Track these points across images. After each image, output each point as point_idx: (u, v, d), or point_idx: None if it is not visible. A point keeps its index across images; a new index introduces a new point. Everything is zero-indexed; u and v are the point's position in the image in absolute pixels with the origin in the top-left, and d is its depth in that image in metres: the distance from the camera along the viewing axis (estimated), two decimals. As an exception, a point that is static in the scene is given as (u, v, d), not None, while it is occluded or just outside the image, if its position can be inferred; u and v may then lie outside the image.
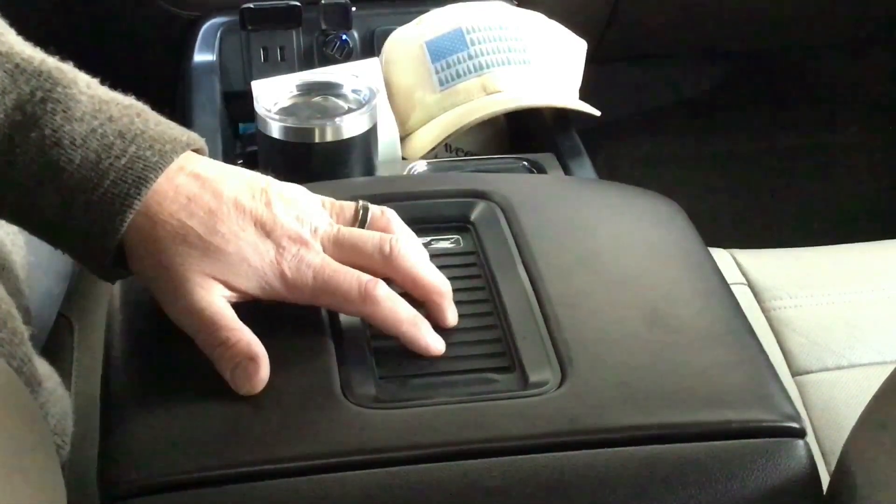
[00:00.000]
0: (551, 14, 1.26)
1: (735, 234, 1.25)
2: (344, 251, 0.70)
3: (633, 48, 1.64)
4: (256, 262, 0.67)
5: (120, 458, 0.64)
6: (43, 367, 0.67)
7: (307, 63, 1.34)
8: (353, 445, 0.64)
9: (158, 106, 0.72)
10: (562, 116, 1.23)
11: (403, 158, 1.17)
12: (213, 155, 1.14)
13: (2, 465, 0.51)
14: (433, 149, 1.16)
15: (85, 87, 0.67)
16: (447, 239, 0.81)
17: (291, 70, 1.29)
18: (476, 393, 0.68)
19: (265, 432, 0.64)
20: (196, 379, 0.68)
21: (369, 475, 0.62)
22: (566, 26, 1.26)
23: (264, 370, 0.66)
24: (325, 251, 0.69)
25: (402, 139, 1.19)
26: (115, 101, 0.68)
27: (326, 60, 1.32)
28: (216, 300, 0.67)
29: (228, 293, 0.68)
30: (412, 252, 0.71)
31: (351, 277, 0.68)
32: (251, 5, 1.31)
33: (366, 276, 0.69)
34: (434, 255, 0.79)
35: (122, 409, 0.67)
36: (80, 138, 0.65)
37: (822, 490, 0.67)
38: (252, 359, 0.66)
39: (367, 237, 0.71)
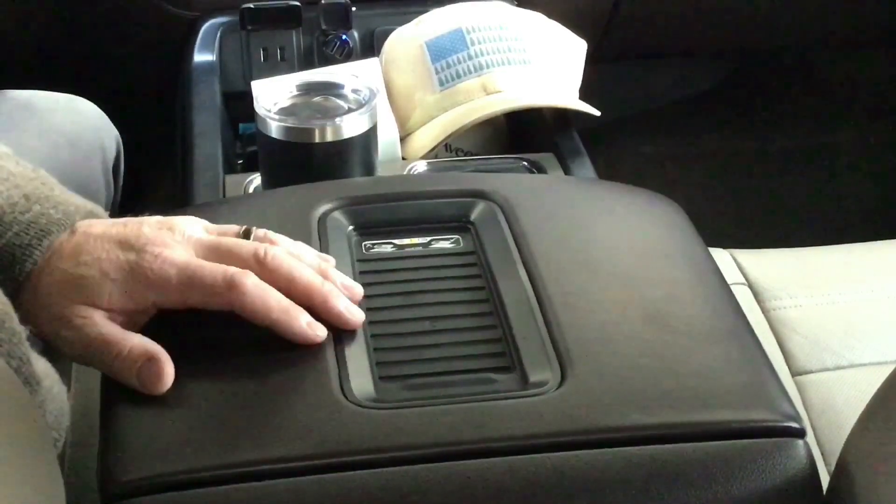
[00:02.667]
0: (551, 14, 1.26)
1: (735, 234, 1.26)
2: (216, 255, 0.71)
3: (634, 48, 1.64)
4: (118, 275, 0.69)
5: (120, 457, 0.64)
6: (41, 365, 0.67)
7: (307, 63, 1.33)
8: (352, 445, 0.64)
9: (158, 106, 0.72)
10: (562, 116, 1.23)
11: (403, 158, 1.17)
12: (213, 154, 1.15)
13: (0, 465, 0.51)
14: (433, 149, 1.15)
15: None
16: (447, 239, 0.81)
17: (291, 70, 1.29)
18: (476, 393, 0.68)
19: (265, 432, 0.64)
20: (196, 379, 0.68)
21: (369, 475, 0.62)
22: (566, 26, 1.26)
23: (168, 366, 0.67)
24: (198, 255, 0.70)
25: (402, 139, 1.19)
26: (23, 173, 0.72)
27: (326, 60, 1.32)
28: (99, 322, 0.68)
29: (107, 314, 0.69)
30: (288, 257, 0.71)
31: (216, 269, 0.69)
32: (251, 5, 1.31)
33: (233, 269, 0.69)
34: (434, 255, 0.79)
35: (122, 408, 0.67)
36: None
37: (821, 490, 0.67)
38: (150, 358, 0.67)
39: (243, 243, 0.72)
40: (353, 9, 1.33)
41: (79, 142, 1.00)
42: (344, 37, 1.33)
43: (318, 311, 0.71)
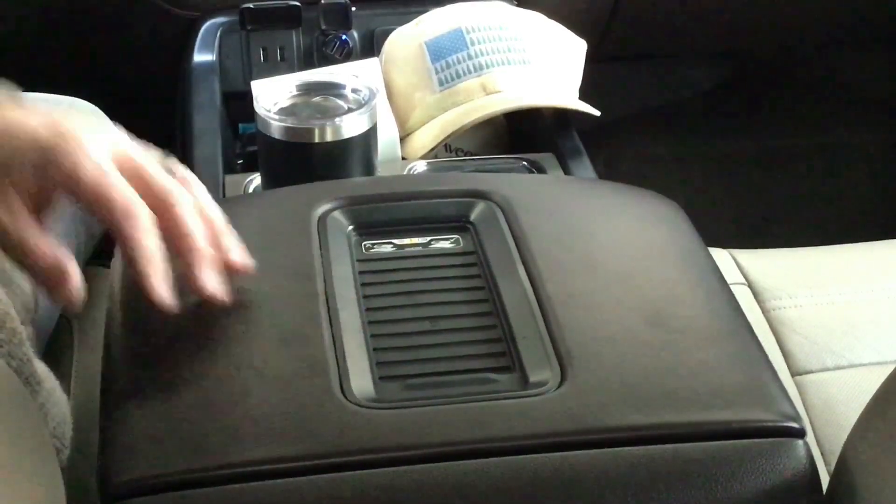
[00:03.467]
0: (551, 14, 1.26)
1: (735, 234, 1.26)
2: (132, 173, 0.67)
3: (634, 48, 1.64)
4: (29, 153, 0.64)
5: (120, 458, 0.64)
6: (41, 368, 0.67)
7: (307, 63, 1.34)
8: (352, 446, 0.64)
9: (158, 106, 0.72)
10: (562, 116, 1.23)
11: (403, 158, 1.17)
12: (213, 154, 1.15)
13: (1, 465, 0.51)
14: (433, 149, 1.16)
15: None
16: (447, 239, 0.81)
17: (291, 70, 1.29)
18: (476, 393, 0.68)
19: (265, 432, 0.64)
20: (196, 379, 0.68)
21: (369, 475, 0.62)
22: (566, 26, 1.26)
23: (75, 276, 0.65)
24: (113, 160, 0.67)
25: (402, 139, 1.19)
26: None
27: (326, 60, 1.32)
28: (19, 208, 0.64)
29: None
30: (195, 214, 0.68)
31: (127, 192, 0.65)
32: (251, 5, 1.31)
33: (140, 201, 0.65)
34: (434, 255, 0.79)
35: (122, 409, 0.67)
36: None
37: (821, 490, 0.67)
38: (60, 270, 0.65)
39: (162, 176, 0.68)
40: (353, 9, 1.33)
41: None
42: (344, 37, 1.34)
43: (186, 267, 0.68)
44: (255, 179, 1.08)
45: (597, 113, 1.19)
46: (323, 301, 0.74)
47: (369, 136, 1.00)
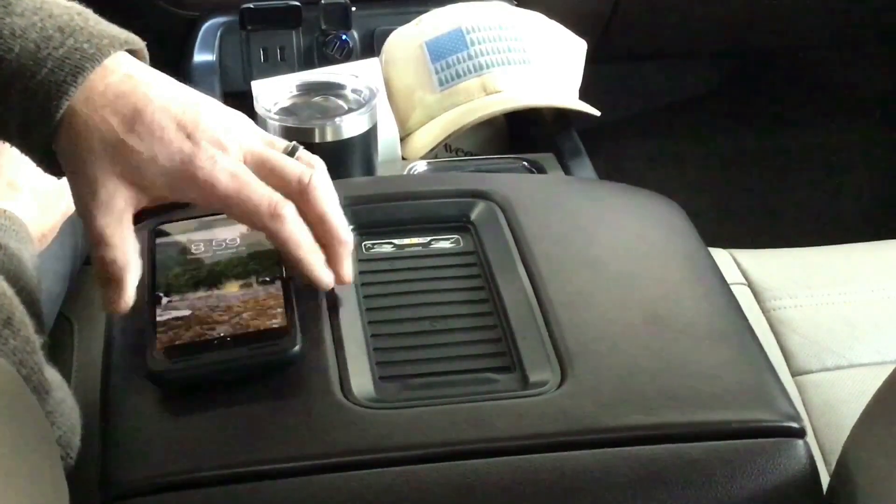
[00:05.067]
0: (551, 14, 1.26)
1: (735, 234, 1.25)
2: (264, 170, 0.70)
3: (633, 48, 1.64)
4: (166, 162, 0.68)
5: (120, 458, 0.64)
6: (53, 376, 0.67)
7: (307, 63, 1.33)
8: (353, 446, 0.64)
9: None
10: (562, 116, 1.23)
11: (403, 158, 1.17)
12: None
13: (5, 467, 0.51)
14: (433, 149, 1.15)
15: None
16: (447, 239, 0.81)
17: (291, 70, 1.29)
18: (476, 393, 0.68)
19: (265, 433, 0.64)
20: (196, 379, 0.68)
21: (369, 475, 0.62)
22: (566, 26, 1.26)
23: (125, 294, 0.68)
24: (246, 163, 0.70)
25: (402, 139, 1.19)
26: (56, 1, 0.70)
27: (326, 60, 1.32)
28: (115, 204, 0.68)
29: (137, 195, 0.69)
30: (329, 192, 0.71)
31: (264, 190, 0.69)
32: (251, 5, 1.31)
33: (278, 196, 0.69)
34: (434, 255, 0.79)
35: (122, 409, 0.67)
36: (19, 30, 0.67)
37: (821, 490, 0.67)
38: (116, 281, 0.68)
39: (291, 163, 0.71)
40: (353, 9, 1.33)
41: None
42: (344, 37, 1.33)
43: (328, 255, 0.71)
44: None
45: (597, 113, 1.19)
46: (323, 301, 0.74)
47: (369, 136, 1.00)
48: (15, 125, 0.68)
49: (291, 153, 0.73)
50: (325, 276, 0.71)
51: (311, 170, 0.71)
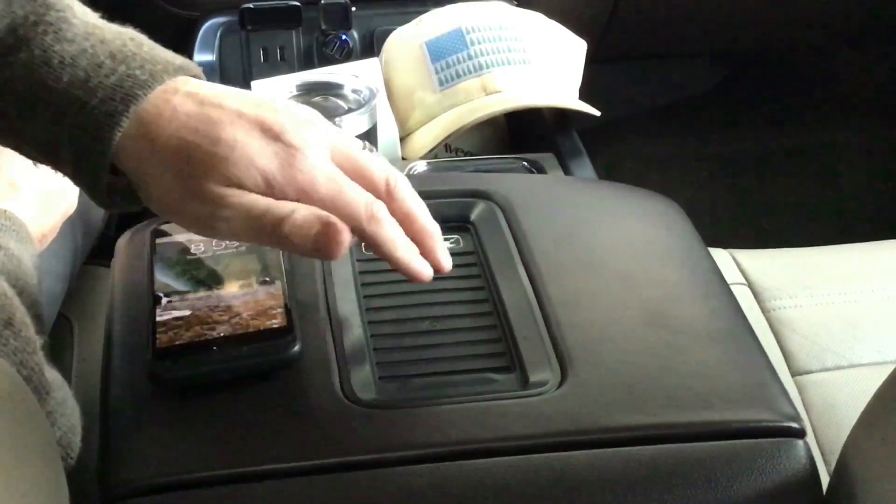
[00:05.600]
0: (551, 14, 1.26)
1: (735, 234, 1.26)
2: (352, 168, 0.68)
3: (633, 48, 1.64)
4: (266, 164, 0.65)
5: (120, 458, 0.64)
6: (54, 377, 0.67)
7: (307, 63, 1.34)
8: (353, 446, 0.64)
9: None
10: (562, 116, 1.23)
11: (403, 158, 1.17)
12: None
13: (5, 468, 0.51)
14: (433, 149, 1.15)
15: (80, 13, 0.67)
16: (447, 239, 0.81)
17: (291, 70, 1.29)
18: (476, 393, 0.68)
19: (265, 433, 0.64)
20: (196, 379, 0.68)
21: (370, 475, 0.62)
22: (566, 26, 1.26)
23: (346, 232, 0.65)
24: (333, 160, 0.68)
25: (402, 139, 1.19)
26: (109, 26, 0.68)
27: (326, 60, 1.32)
28: (248, 196, 0.65)
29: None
30: (413, 193, 0.71)
31: (360, 193, 0.67)
32: (251, 5, 1.31)
33: (372, 197, 0.67)
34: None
35: (122, 409, 0.67)
36: (69, 58, 0.65)
37: (821, 490, 0.67)
38: (325, 223, 0.65)
39: (377, 163, 0.69)
40: (353, 9, 1.33)
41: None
42: (344, 37, 1.34)
43: (422, 249, 0.70)
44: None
45: (597, 113, 1.19)
46: (323, 301, 0.74)
47: (369, 136, 1.00)
48: (68, 157, 0.65)
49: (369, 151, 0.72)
50: (425, 270, 0.69)
51: (396, 172, 0.70)
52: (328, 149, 0.67)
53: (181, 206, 0.66)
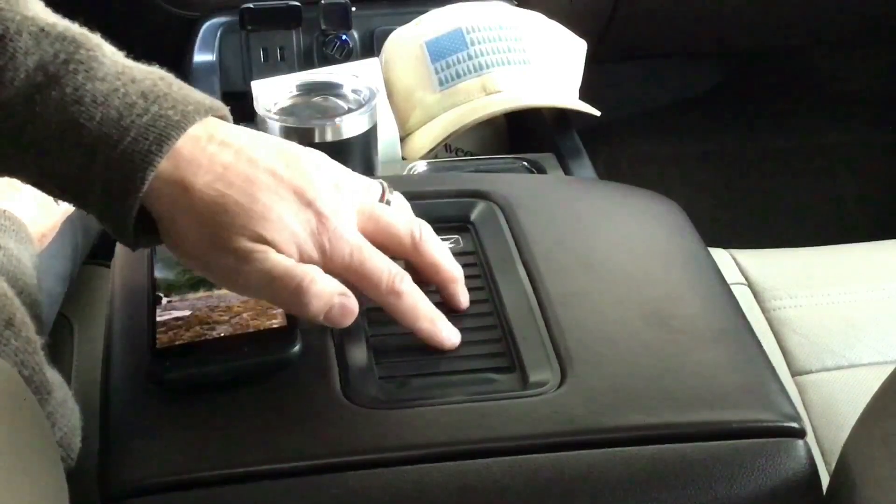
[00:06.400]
0: (551, 14, 1.27)
1: (735, 234, 1.25)
2: (377, 228, 0.70)
3: (633, 48, 1.64)
4: (298, 230, 0.66)
5: (120, 458, 0.64)
6: (54, 377, 0.67)
7: (307, 63, 1.34)
8: (353, 445, 0.64)
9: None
10: (562, 116, 1.23)
11: (403, 158, 1.17)
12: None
13: (5, 468, 0.51)
14: (433, 149, 1.16)
15: (109, 52, 0.67)
16: (447, 239, 0.81)
17: (291, 70, 1.29)
18: (476, 393, 0.68)
19: (265, 432, 0.64)
20: (196, 379, 0.68)
21: (369, 475, 0.62)
22: (566, 26, 1.26)
23: (354, 300, 0.68)
24: (359, 223, 0.69)
25: (402, 139, 1.19)
26: (138, 66, 0.68)
27: (326, 60, 1.32)
28: (274, 255, 0.66)
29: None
30: (436, 240, 0.72)
31: (383, 265, 0.68)
32: (251, 5, 1.31)
33: (395, 268, 0.69)
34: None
35: (122, 409, 0.67)
36: (101, 96, 0.65)
37: (822, 490, 0.67)
38: (342, 293, 0.67)
39: (399, 219, 0.71)
40: (353, 9, 1.33)
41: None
42: (344, 37, 1.34)
43: (443, 294, 0.72)
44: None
45: (597, 113, 1.19)
46: (323, 301, 0.74)
47: (369, 136, 1.00)
48: (97, 195, 0.65)
49: (388, 197, 0.73)
50: (447, 340, 0.71)
51: (418, 221, 0.71)
52: (356, 212, 0.69)
53: (206, 256, 0.66)
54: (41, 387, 0.65)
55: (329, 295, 0.66)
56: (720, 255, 1.09)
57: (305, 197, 0.67)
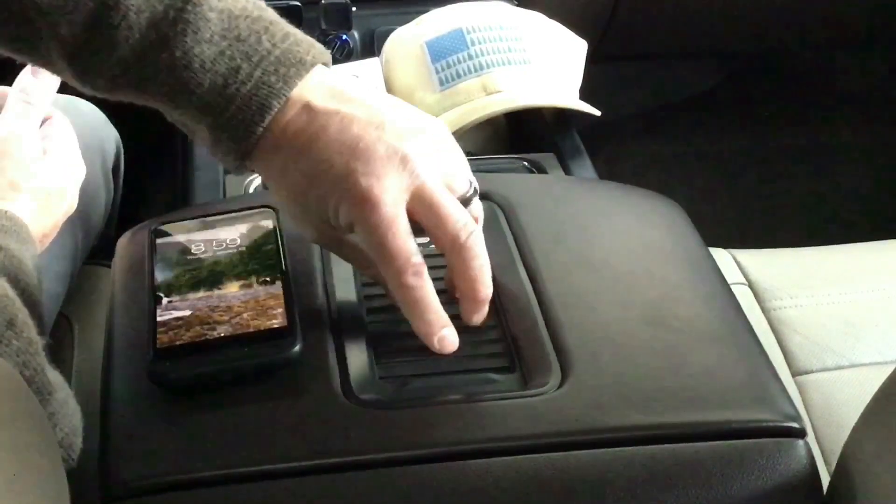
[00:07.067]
0: (551, 14, 1.27)
1: (735, 234, 1.26)
2: (426, 214, 0.69)
3: (633, 48, 1.64)
4: (397, 190, 0.67)
5: (120, 458, 0.64)
6: (55, 378, 0.67)
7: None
8: (353, 446, 0.64)
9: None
10: (562, 116, 1.23)
11: (403, 158, 1.17)
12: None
13: (6, 469, 0.51)
14: (433, 149, 1.15)
15: (216, 1, 0.68)
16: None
17: (292, 70, 1.28)
18: (477, 393, 0.68)
19: (265, 433, 0.64)
20: (196, 379, 0.68)
21: (370, 475, 0.62)
22: (566, 26, 1.26)
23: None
24: (411, 197, 0.69)
25: (403, 139, 1.18)
26: (245, 13, 0.69)
27: (327, 60, 1.32)
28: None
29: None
30: (482, 251, 0.71)
31: (402, 252, 0.68)
32: (251, 5, 1.31)
33: (414, 261, 0.68)
34: (434, 255, 0.79)
35: (122, 408, 0.67)
36: (209, 61, 0.67)
37: (822, 490, 0.67)
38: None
39: (454, 213, 0.70)
40: (353, 9, 1.33)
41: (78, 143, 1.00)
42: (344, 37, 1.33)
43: (463, 306, 0.72)
44: (256, 180, 1.08)
45: (597, 113, 1.19)
46: (323, 301, 0.74)
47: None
48: (206, 143, 0.70)
49: (469, 196, 0.72)
50: (439, 346, 0.70)
51: (471, 228, 0.70)
52: (405, 187, 0.68)
53: (304, 200, 0.69)
54: (42, 387, 0.65)
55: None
56: (720, 255, 1.09)
57: (407, 163, 0.68)
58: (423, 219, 0.69)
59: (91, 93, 0.70)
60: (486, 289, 0.71)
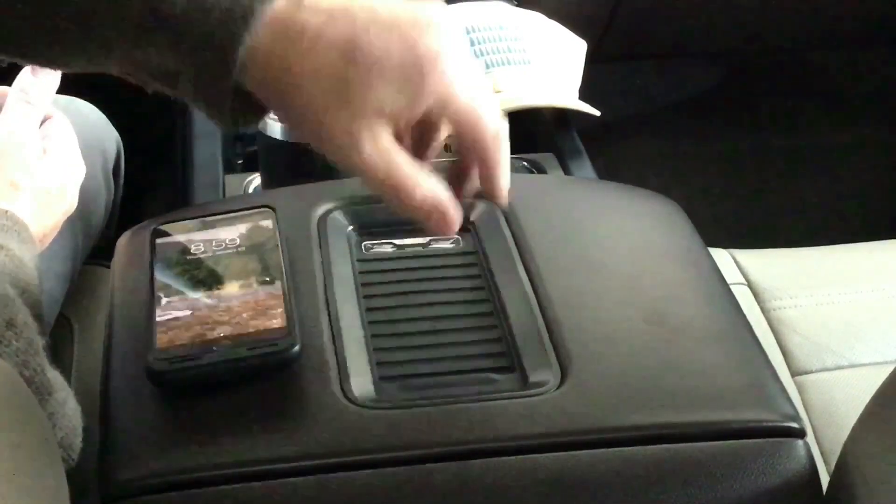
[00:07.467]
0: (551, 14, 1.27)
1: (735, 234, 1.25)
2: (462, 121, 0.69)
3: (633, 48, 1.64)
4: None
5: (120, 457, 0.64)
6: (55, 378, 0.67)
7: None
8: (352, 445, 0.64)
9: (158, 106, 0.72)
10: (562, 116, 1.23)
11: (403, 158, 1.16)
12: (213, 154, 1.15)
13: (6, 469, 0.51)
14: (433, 149, 1.15)
15: None
16: (447, 239, 0.81)
17: (292, 70, 1.28)
18: (476, 393, 0.68)
19: (265, 432, 0.64)
20: (196, 379, 0.68)
21: (369, 475, 0.62)
22: (566, 26, 1.26)
23: (453, 213, 0.67)
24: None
25: (403, 139, 1.18)
26: None
27: (326, 60, 1.32)
28: (394, 153, 0.66)
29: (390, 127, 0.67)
30: (506, 153, 0.70)
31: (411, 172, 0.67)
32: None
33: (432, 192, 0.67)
34: (434, 256, 0.79)
35: (122, 409, 0.67)
36: None
37: (821, 490, 0.67)
38: (439, 207, 0.66)
39: (488, 119, 0.70)
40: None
41: (78, 143, 1.00)
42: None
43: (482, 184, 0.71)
44: (256, 179, 1.08)
45: (597, 113, 1.19)
46: (323, 301, 0.74)
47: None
48: (187, 81, 0.63)
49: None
50: (440, 229, 0.67)
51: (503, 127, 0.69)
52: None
53: (303, 124, 0.65)
54: (42, 388, 0.65)
55: (426, 211, 0.66)
56: (720, 255, 1.09)
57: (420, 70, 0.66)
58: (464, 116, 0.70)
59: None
60: (503, 182, 0.71)
